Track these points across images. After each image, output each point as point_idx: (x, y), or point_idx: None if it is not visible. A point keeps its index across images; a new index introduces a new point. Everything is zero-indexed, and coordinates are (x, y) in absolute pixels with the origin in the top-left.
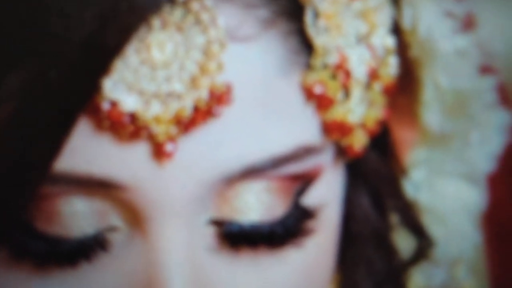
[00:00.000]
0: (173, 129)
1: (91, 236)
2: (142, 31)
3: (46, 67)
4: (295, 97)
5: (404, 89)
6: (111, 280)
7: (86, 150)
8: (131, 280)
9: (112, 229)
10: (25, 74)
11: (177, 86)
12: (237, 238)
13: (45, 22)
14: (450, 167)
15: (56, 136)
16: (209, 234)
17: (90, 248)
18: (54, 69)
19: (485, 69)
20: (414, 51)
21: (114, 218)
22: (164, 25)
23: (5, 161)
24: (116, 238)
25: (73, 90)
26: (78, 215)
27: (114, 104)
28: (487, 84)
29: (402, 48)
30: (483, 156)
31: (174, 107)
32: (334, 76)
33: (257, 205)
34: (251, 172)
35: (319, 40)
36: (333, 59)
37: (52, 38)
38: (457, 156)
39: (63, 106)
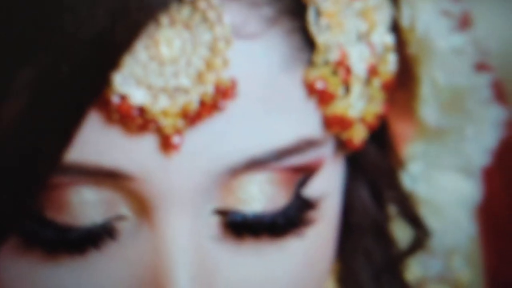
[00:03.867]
0: (180, 122)
1: (100, 224)
2: (151, 28)
3: (58, 62)
4: (298, 92)
5: (402, 85)
6: (118, 267)
7: (96, 142)
8: (138, 266)
9: (120, 218)
10: (37, 69)
11: (184, 81)
12: (240, 227)
13: (57, 18)
14: (447, 160)
15: (67, 129)
16: (213, 223)
17: (98, 236)
18: (66, 64)
19: (481, 67)
20: (412, 49)
21: (122, 208)
22: (172, 23)
23: (17, 152)
24: (124, 227)
25: (84, 84)
26: (87, 205)
27: (123, 98)
28: (483, 81)
29: (401, 46)
30: (478, 150)
31: (181, 101)
32: (335, 72)
33: (260, 195)
34: (255, 164)
35: (321, 37)
36: (334, 56)
37: (64, 34)
38: (453, 150)
39: (73, 100)
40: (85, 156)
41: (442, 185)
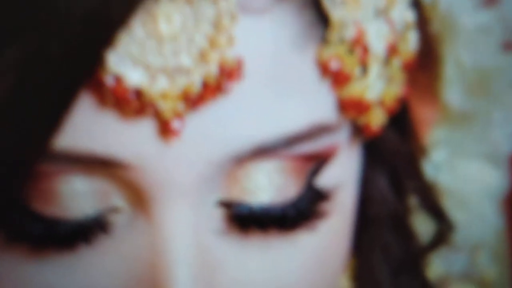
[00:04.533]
0: (180, 106)
1: (92, 217)
2: (148, 2)
3: (47, 39)
4: (310, 73)
5: (425, 65)
6: (112, 264)
7: (88, 127)
8: (133, 264)
9: (114, 210)
10: (25, 47)
11: (185, 60)
12: (246, 220)
13: None
14: (472, 147)
15: (56, 112)
16: (217, 216)
17: (90, 230)
18: (56, 42)
19: (509, 46)
20: (435, 26)
21: (116, 199)
22: None
23: (2, 137)
24: (118, 220)
25: (75, 64)
26: (77, 195)
27: (118, 79)
28: (511, 62)
29: (423, 23)
30: (506, 137)
31: (181, 82)
32: (351, 51)
33: (268, 186)
34: (262, 151)
35: (335, 13)
36: (350, 33)
37: (53, 10)
38: (479, 136)
39: (63, 81)
40: (76, 142)
41: (467, 175)
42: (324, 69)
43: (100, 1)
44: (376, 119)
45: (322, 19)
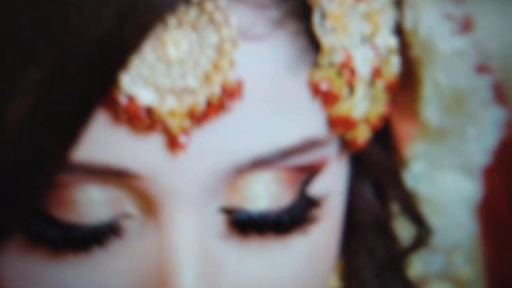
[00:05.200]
0: (187, 122)
1: (105, 223)
2: (158, 29)
3: (65, 62)
4: (303, 93)
5: (406, 86)
6: (124, 265)
7: (103, 141)
8: (143, 264)
9: (126, 216)
10: (44, 68)
11: (192, 82)
12: (245, 225)
13: (65, 18)
14: (448, 160)
15: (73, 128)
16: (219, 221)
17: (104, 234)
18: (73, 64)
19: (482, 69)
20: (415, 51)
21: (128, 206)
22: (179, 24)
23: (24, 151)
24: (129, 225)
25: (91, 85)
26: (93, 203)
27: (131, 98)
28: (483, 83)
29: (404, 48)
30: (479, 150)
31: (188, 101)
32: (339, 74)
33: (265, 194)
34: (260, 163)
35: (326, 39)
36: (339, 58)
37: (71, 34)
38: (455, 150)
39: (80, 100)
40: (92, 155)
41: (444, 184)
42: (315, 90)
43: (114, 27)
44: (362, 135)
45: (314, 45)
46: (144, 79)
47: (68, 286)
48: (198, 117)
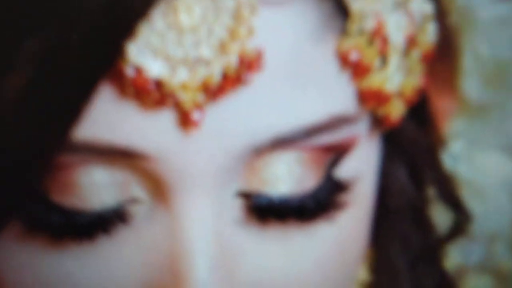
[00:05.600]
0: (200, 97)
1: (111, 208)
2: None
3: (67, 30)
4: (329, 64)
5: (443, 57)
6: (131, 255)
7: (108, 118)
8: (152, 254)
9: (134, 200)
10: (45, 38)
11: (205, 52)
12: (265, 211)
13: None
14: (490, 139)
15: (76, 103)
16: (236, 206)
17: (109, 221)
18: (75, 33)
19: None
20: (453, 18)
21: (136, 189)
22: None
23: (22, 128)
24: (137, 211)
25: (95, 55)
26: (98, 186)
27: (138, 70)
28: None
29: (441, 15)
30: None
31: (201, 73)
32: (370, 43)
33: (287, 176)
34: (282, 143)
35: (355, 4)
36: (369, 25)
37: (73, 0)
38: (497, 128)
39: (84, 72)
40: (96, 133)
41: (485, 166)
42: (343, 61)
43: None
44: (396, 111)
45: (341, 10)
46: (153, 48)
47: (71, 278)
48: (213, 91)
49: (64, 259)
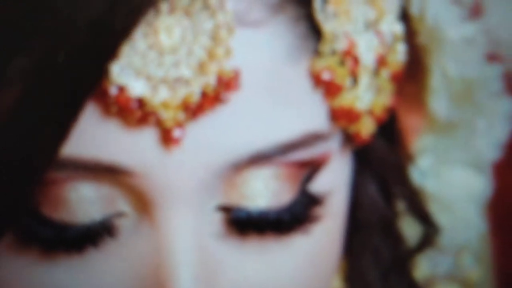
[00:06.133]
0: (180, 115)
1: (98, 222)
2: (150, 16)
3: (54, 50)
4: (303, 84)
5: (412, 76)
6: (118, 266)
7: (93, 135)
8: (138, 266)
9: (120, 215)
10: (32, 56)
11: (185, 72)
12: (244, 224)
13: (53, 4)
14: (457, 155)
15: (64, 121)
16: (216, 220)
17: (97, 234)
18: (62, 52)
19: (492, 57)
20: (422, 38)
21: (122, 204)
22: (172, 10)
23: (11, 146)
24: (123, 224)
25: (81, 74)
26: (85, 201)
27: (121, 89)
28: (494, 72)
29: (410, 35)
30: (489, 144)
31: (182, 92)
32: (342, 63)
33: (264, 191)
34: (259, 159)
35: (327, 25)
36: (341, 45)
37: (60, 21)
38: (464, 144)
39: (71, 90)
40: (82, 150)
41: (452, 180)
42: (316, 80)
43: (104, 12)
44: (366, 128)
45: (315, 31)
46: (135, 69)
47: None
48: (193, 109)
49: (54, 270)
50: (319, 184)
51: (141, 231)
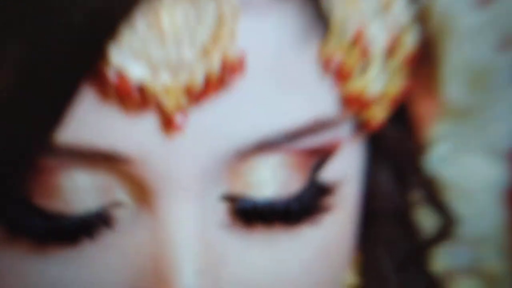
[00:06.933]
0: (183, 100)
1: (95, 212)
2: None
3: (50, 32)
4: (312, 70)
5: (425, 60)
6: (115, 259)
7: (90, 121)
8: (137, 259)
9: (117, 204)
10: (27, 39)
11: (188, 55)
12: (250, 214)
13: None
14: (473, 141)
15: (58, 105)
16: (221, 210)
17: (93, 225)
18: (58, 36)
19: (504, 44)
20: (433, 25)
21: (120, 193)
22: None
23: (4, 131)
24: (121, 215)
25: (77, 57)
26: (80, 190)
27: (120, 73)
28: (507, 59)
29: (422, 20)
30: (506, 131)
31: (184, 77)
32: (352, 48)
33: (271, 180)
34: (266, 146)
35: (336, 10)
36: (351, 29)
37: (56, 3)
38: (480, 131)
39: (66, 73)
40: (79, 136)
41: (469, 168)
42: (325, 66)
43: None
44: (378, 115)
45: (322, 17)
46: (135, 52)
47: (55, 282)
48: (196, 95)
49: (48, 263)
50: (330, 173)
51: (140, 222)
